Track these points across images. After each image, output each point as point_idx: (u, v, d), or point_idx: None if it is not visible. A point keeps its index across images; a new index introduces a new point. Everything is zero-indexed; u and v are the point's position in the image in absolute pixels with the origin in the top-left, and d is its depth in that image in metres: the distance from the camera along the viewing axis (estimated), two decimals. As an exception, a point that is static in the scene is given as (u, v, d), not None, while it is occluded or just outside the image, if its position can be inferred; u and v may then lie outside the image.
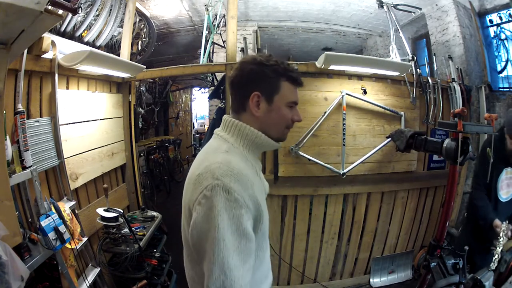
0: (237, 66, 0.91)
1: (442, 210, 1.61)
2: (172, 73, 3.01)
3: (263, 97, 0.87)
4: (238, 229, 0.72)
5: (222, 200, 0.72)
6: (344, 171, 2.48)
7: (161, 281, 2.29)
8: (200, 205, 0.74)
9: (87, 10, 2.54)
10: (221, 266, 0.69)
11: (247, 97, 0.87)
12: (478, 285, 1.49)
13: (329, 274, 2.79)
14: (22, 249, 1.34)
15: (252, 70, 0.87)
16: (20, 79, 1.58)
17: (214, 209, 0.71)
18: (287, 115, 0.90)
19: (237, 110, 0.91)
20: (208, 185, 0.74)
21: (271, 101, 0.87)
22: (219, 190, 0.73)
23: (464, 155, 1.43)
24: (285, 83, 0.88)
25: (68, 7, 1.22)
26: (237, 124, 0.88)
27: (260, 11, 4.21)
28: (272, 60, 0.88)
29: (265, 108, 0.87)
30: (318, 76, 2.54)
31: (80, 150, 2.13)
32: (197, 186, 0.76)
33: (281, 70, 0.87)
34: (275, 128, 0.90)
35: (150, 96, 4.40)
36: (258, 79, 0.87)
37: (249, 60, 0.90)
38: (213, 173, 0.75)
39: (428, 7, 3.62)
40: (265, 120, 0.88)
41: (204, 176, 0.76)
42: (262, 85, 0.87)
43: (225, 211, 0.72)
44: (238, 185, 0.75)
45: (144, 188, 3.45)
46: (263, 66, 0.87)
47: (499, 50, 3.31)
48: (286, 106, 0.89)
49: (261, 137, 0.88)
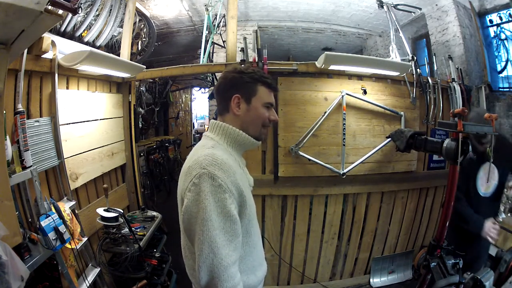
0: (221, 76, 1.08)
1: (442, 210, 1.61)
2: (172, 73, 3.01)
3: (242, 99, 1.02)
4: (222, 211, 0.84)
5: (208, 186, 0.84)
6: (344, 171, 2.48)
7: (161, 281, 2.29)
8: (190, 192, 0.86)
9: (87, 10, 2.54)
10: (209, 244, 0.82)
11: (229, 99, 1.02)
12: (478, 285, 1.49)
13: (329, 274, 2.79)
14: (22, 249, 1.34)
15: (234, 77, 1.04)
16: (20, 79, 1.58)
17: (202, 193, 0.84)
18: (263, 114, 1.04)
19: (222, 112, 1.06)
20: (196, 174, 0.86)
21: (249, 102, 1.03)
22: (205, 177, 0.85)
23: (464, 155, 1.42)
24: (261, 87, 1.04)
25: (68, 7, 1.22)
26: (221, 125, 1.03)
27: (260, 11, 4.21)
28: (250, 69, 1.07)
29: (244, 108, 1.03)
30: (318, 76, 2.54)
31: (80, 150, 2.13)
32: (187, 176, 0.89)
33: (257, 77, 1.03)
34: (253, 126, 1.04)
35: (150, 96, 4.39)
36: (238, 84, 1.03)
37: (231, 70, 1.08)
38: (200, 163, 0.88)
39: (428, 7, 3.63)
40: (245, 118, 1.03)
41: (193, 167, 0.89)
42: (242, 89, 1.02)
43: (211, 195, 0.84)
44: (222, 172, 0.87)
45: (144, 188, 3.45)
46: (242, 73, 1.04)
47: (499, 50, 3.31)
48: (262, 106, 1.04)
49: (242, 135, 1.02)
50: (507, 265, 1.97)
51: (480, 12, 3.37)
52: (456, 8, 3.31)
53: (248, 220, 0.95)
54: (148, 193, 3.57)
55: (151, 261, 2.26)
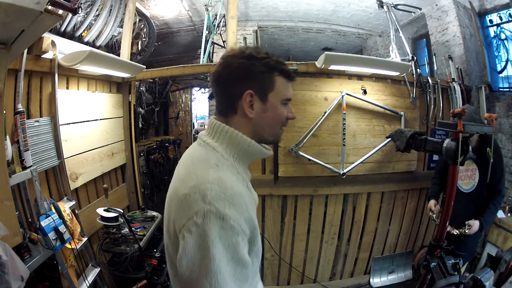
0: (222, 61, 0.79)
1: (442, 210, 1.61)
2: (172, 73, 3.01)
3: (256, 95, 0.77)
4: (233, 257, 0.65)
5: (216, 229, 0.63)
6: (344, 171, 2.48)
7: (161, 281, 2.29)
8: (190, 233, 0.64)
9: (87, 10, 2.54)
10: None
11: (238, 97, 0.77)
12: (478, 285, 1.49)
13: (329, 274, 2.79)
14: (22, 249, 1.34)
15: (243, 65, 0.76)
16: (20, 79, 1.58)
17: (207, 238, 0.63)
18: (282, 113, 0.81)
19: (226, 113, 0.80)
20: (199, 211, 0.64)
21: (265, 99, 0.78)
22: (212, 217, 0.63)
23: (464, 155, 1.43)
24: (279, 78, 0.79)
25: (68, 7, 1.22)
26: (227, 130, 0.77)
27: (260, 11, 4.21)
28: (262, 52, 0.78)
29: (259, 108, 0.77)
30: (318, 76, 2.54)
31: (80, 150, 2.13)
32: (184, 209, 0.66)
33: (273, 63, 0.77)
34: (271, 129, 0.81)
35: (150, 96, 4.38)
36: (249, 75, 0.76)
37: (236, 54, 0.78)
38: (204, 195, 0.65)
39: (428, 7, 3.63)
40: (259, 121, 0.79)
41: (193, 198, 0.66)
42: (255, 82, 0.76)
43: (219, 240, 0.63)
44: (234, 210, 0.66)
45: (144, 188, 3.44)
46: (254, 59, 0.76)
47: (499, 50, 3.31)
48: (281, 103, 0.80)
49: (254, 146, 0.78)
50: (507, 265, 1.97)
51: (480, 12, 3.37)
52: (456, 8, 3.31)
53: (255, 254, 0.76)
54: (148, 193, 3.56)
55: (151, 261, 2.26)
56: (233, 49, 0.81)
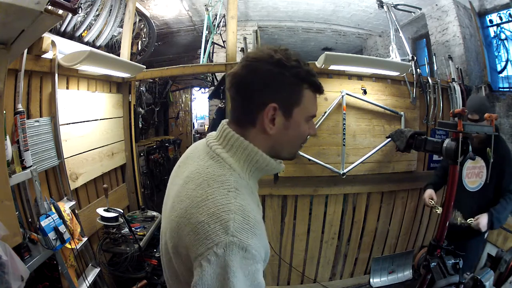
0: (246, 64, 0.69)
1: (442, 210, 1.61)
2: (172, 73, 3.01)
3: (280, 110, 0.68)
4: (252, 285, 0.63)
5: (238, 259, 0.60)
6: (344, 171, 2.48)
7: (161, 281, 2.29)
8: (209, 263, 0.60)
9: (87, 10, 2.54)
10: None
11: (259, 108, 0.68)
12: (478, 285, 1.49)
13: (329, 274, 2.79)
14: (22, 249, 1.35)
15: (271, 73, 0.66)
16: (20, 79, 1.58)
17: (229, 269, 0.60)
18: (305, 131, 0.73)
19: (242, 124, 0.71)
20: (220, 243, 0.59)
21: (290, 115, 0.69)
22: (234, 248, 0.60)
23: (464, 155, 1.43)
24: (307, 92, 0.70)
25: (68, 7, 1.22)
26: (247, 146, 0.69)
27: (260, 11, 4.21)
28: (292, 59, 0.68)
29: (281, 123, 0.69)
30: (318, 76, 2.49)
31: (80, 150, 2.13)
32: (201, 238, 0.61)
33: (303, 75, 0.69)
34: (290, 147, 0.75)
35: (150, 96, 4.39)
36: (276, 85, 0.67)
37: (264, 58, 0.67)
38: (226, 227, 0.60)
39: (428, 7, 3.63)
40: (279, 137, 0.71)
41: (213, 228, 0.60)
42: (281, 94, 0.67)
43: (240, 270, 0.61)
44: (256, 239, 0.63)
45: (144, 188, 3.45)
46: (284, 67, 0.66)
47: (499, 50, 3.31)
48: (305, 120, 0.72)
49: (271, 163, 0.72)
50: (507, 265, 1.97)
51: (480, 12, 3.37)
52: (456, 8, 3.32)
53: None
54: (148, 193, 3.56)
55: (151, 261, 2.26)
56: (260, 51, 0.70)
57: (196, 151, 0.77)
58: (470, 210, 1.87)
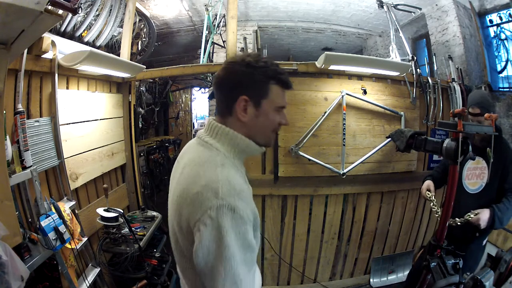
0: (225, 66, 0.88)
1: (442, 210, 1.61)
2: (172, 73, 3.01)
3: (251, 101, 0.84)
4: (243, 244, 0.75)
5: (229, 220, 0.73)
6: (344, 171, 2.48)
7: (161, 281, 2.29)
8: (205, 226, 0.73)
9: (87, 10, 2.54)
10: (233, 280, 0.73)
11: (234, 100, 0.84)
12: (478, 285, 1.49)
13: (329, 274, 2.79)
14: (22, 249, 1.34)
15: (242, 73, 0.84)
16: (20, 79, 1.58)
17: (222, 229, 0.72)
18: (274, 120, 0.88)
19: (223, 113, 0.88)
20: (212, 206, 0.73)
21: (259, 105, 0.85)
22: (224, 210, 0.73)
23: (464, 155, 1.42)
24: (274, 87, 0.85)
25: (68, 7, 1.22)
26: (228, 131, 0.86)
27: (260, 11, 4.21)
28: (261, 61, 0.85)
29: (252, 113, 0.85)
30: (318, 76, 2.54)
31: (80, 150, 2.13)
32: (198, 205, 0.75)
33: (270, 73, 0.84)
34: (262, 134, 0.89)
35: (150, 96, 4.39)
36: (246, 82, 0.84)
37: (237, 61, 0.86)
38: (216, 192, 0.74)
39: (428, 7, 3.63)
40: (251, 125, 0.86)
41: (206, 195, 0.74)
42: (251, 89, 0.84)
43: (232, 230, 0.73)
44: (242, 202, 0.76)
45: (144, 188, 3.44)
46: (253, 68, 0.83)
47: (499, 50, 3.31)
48: (274, 110, 0.87)
49: (251, 145, 0.87)
50: (507, 265, 1.97)
51: (480, 12, 3.37)
52: (456, 8, 3.32)
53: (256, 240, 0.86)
54: (148, 193, 3.56)
55: (151, 261, 2.26)
56: (236, 56, 0.91)
57: (190, 146, 0.94)
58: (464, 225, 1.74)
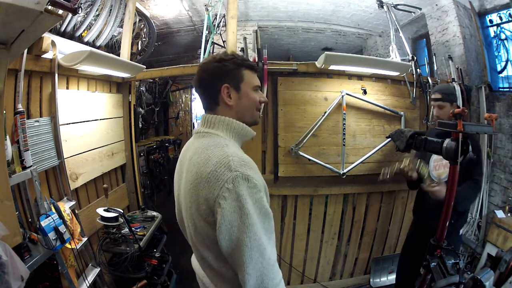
0: (199, 69, 0.99)
1: (442, 210, 1.61)
2: (172, 73, 3.00)
3: (232, 87, 0.96)
4: (261, 211, 0.80)
5: (245, 188, 0.78)
6: (344, 171, 2.48)
7: (161, 281, 2.29)
8: (225, 199, 0.77)
9: (87, 10, 2.54)
10: (258, 249, 0.77)
11: (217, 91, 0.96)
12: (478, 285, 1.49)
13: (329, 274, 2.79)
14: (22, 249, 1.34)
15: (216, 67, 0.96)
16: (20, 79, 1.58)
17: (241, 198, 0.77)
18: (255, 98, 1.00)
19: (211, 107, 0.98)
20: (228, 178, 0.78)
21: (239, 89, 0.97)
22: (239, 180, 0.78)
23: (464, 155, 1.42)
24: (246, 71, 0.98)
25: (68, 7, 1.22)
26: (223, 119, 0.95)
27: (260, 11, 4.21)
28: (229, 55, 0.98)
29: (236, 96, 0.97)
30: (318, 76, 2.54)
31: (80, 150, 2.13)
32: (214, 183, 0.79)
33: (239, 61, 0.97)
34: (249, 112, 1.00)
35: (150, 96, 4.39)
36: (223, 73, 0.95)
37: (209, 60, 0.99)
38: (229, 166, 0.79)
39: (428, 7, 3.63)
40: (238, 107, 0.97)
41: (219, 171, 0.79)
42: (228, 77, 0.96)
43: (249, 198, 0.78)
44: (253, 171, 0.82)
45: (144, 188, 3.44)
46: (224, 61, 0.96)
47: (499, 50, 3.30)
48: (252, 90, 0.99)
49: (245, 127, 0.97)
50: (507, 265, 1.97)
51: (480, 12, 3.36)
52: (456, 8, 3.31)
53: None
54: (148, 193, 3.56)
55: (151, 261, 2.26)
56: (206, 58, 1.03)
57: (191, 143, 1.00)
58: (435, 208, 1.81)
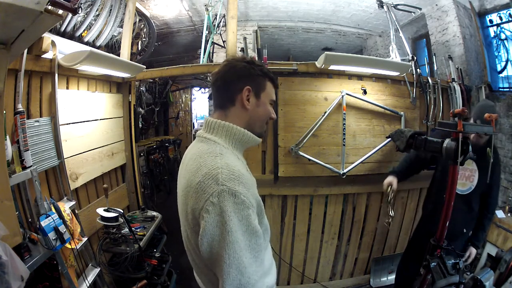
0: (227, 63, 0.97)
1: (442, 210, 1.61)
2: (172, 73, 3.00)
3: (253, 92, 0.94)
4: (247, 229, 0.76)
5: (230, 204, 0.74)
6: (344, 171, 2.48)
7: (161, 281, 2.29)
8: (208, 213, 0.75)
9: (87, 10, 2.54)
10: (237, 266, 0.74)
11: (239, 90, 0.93)
12: (478, 285, 1.49)
13: (329, 274, 2.79)
14: (22, 249, 1.34)
15: (245, 67, 0.94)
16: (20, 79, 1.58)
17: (224, 214, 0.74)
18: (269, 110, 0.99)
19: (224, 104, 0.95)
20: (214, 192, 0.75)
21: (259, 96, 0.96)
22: (225, 195, 0.75)
23: (464, 155, 1.42)
24: (269, 83, 0.98)
25: (68, 7, 1.22)
26: (224, 124, 0.92)
27: (260, 11, 4.21)
28: (257, 62, 0.99)
29: (254, 102, 0.95)
30: (318, 76, 2.54)
31: (80, 150, 2.13)
32: (200, 194, 0.77)
33: (266, 71, 0.97)
34: (260, 122, 0.98)
35: (150, 96, 4.39)
36: (249, 75, 0.94)
37: (239, 59, 0.98)
38: (216, 179, 0.76)
39: (428, 7, 3.63)
40: (253, 113, 0.95)
41: (207, 183, 0.77)
42: (253, 81, 0.94)
43: (234, 214, 0.74)
44: (242, 186, 0.78)
45: (144, 188, 3.44)
46: (253, 65, 0.95)
47: (499, 50, 3.30)
48: (269, 102, 0.98)
49: (247, 134, 0.94)
50: (507, 265, 1.97)
51: (480, 12, 3.37)
52: (456, 8, 3.31)
53: (264, 227, 0.88)
54: (148, 193, 3.56)
55: (151, 261, 2.26)
56: (235, 56, 1.06)
57: (192, 146, 0.98)
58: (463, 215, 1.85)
